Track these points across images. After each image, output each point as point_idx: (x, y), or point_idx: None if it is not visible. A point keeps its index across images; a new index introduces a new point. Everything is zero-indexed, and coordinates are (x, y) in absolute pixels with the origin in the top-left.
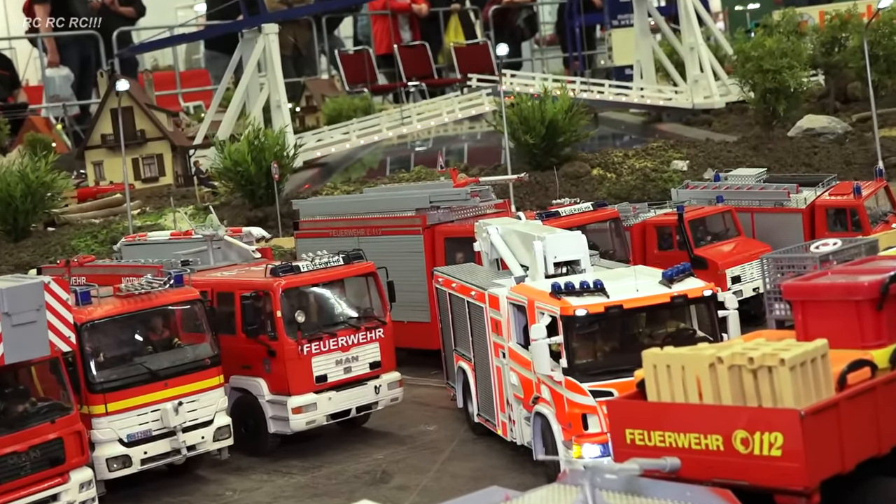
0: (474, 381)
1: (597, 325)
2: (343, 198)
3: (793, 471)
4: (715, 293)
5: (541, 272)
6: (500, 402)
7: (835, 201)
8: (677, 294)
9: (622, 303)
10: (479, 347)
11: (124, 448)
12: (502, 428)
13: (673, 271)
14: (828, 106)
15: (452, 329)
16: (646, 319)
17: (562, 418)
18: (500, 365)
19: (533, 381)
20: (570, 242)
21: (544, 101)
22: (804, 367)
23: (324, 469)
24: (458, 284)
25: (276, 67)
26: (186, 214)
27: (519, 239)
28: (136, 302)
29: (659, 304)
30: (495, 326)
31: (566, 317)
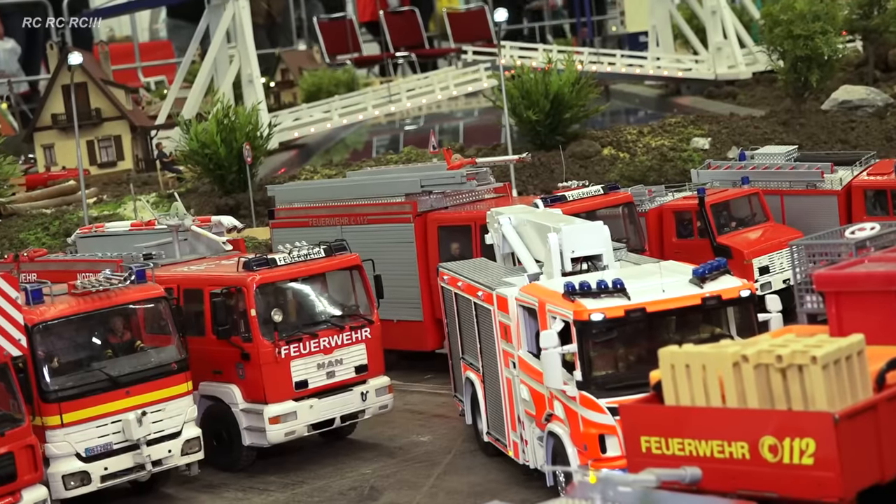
0: (483, 394)
1: (616, 331)
2: (324, 183)
3: (826, 481)
4: (754, 294)
5: (556, 269)
6: (510, 420)
7: (874, 182)
8: (709, 295)
9: (645, 305)
10: (487, 356)
11: (82, 463)
12: (514, 449)
13: (705, 268)
14: (866, 75)
15: (459, 334)
16: (673, 324)
17: (577, 439)
18: (510, 377)
19: (545, 395)
20: (590, 234)
21: (549, 72)
22: (838, 365)
23: (305, 485)
24: (465, 283)
25: (247, 37)
26: (149, 203)
27: (534, 230)
28: (94, 301)
29: (688, 307)
30: (504, 332)
31: (580, 322)
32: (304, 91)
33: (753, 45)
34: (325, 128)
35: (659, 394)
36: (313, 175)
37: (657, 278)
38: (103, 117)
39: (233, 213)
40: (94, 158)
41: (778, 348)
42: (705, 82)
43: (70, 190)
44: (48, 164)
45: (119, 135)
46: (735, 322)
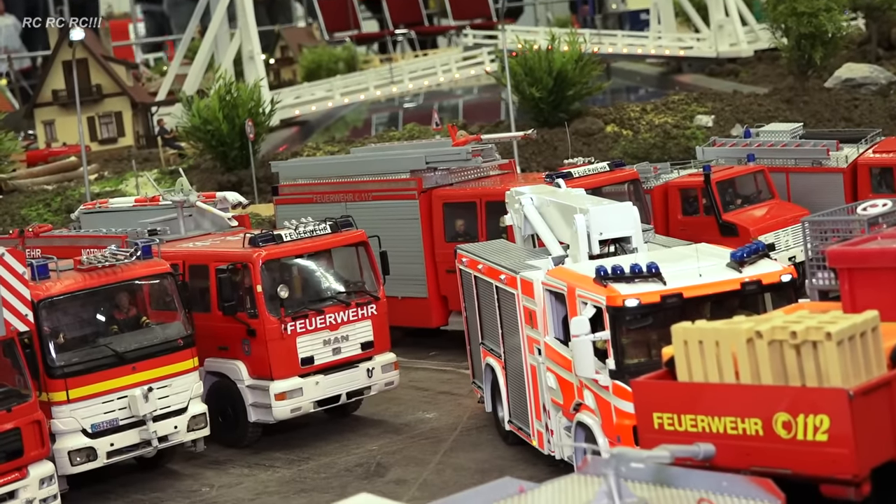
0: (505, 381)
1: (651, 317)
2: (328, 159)
3: (841, 457)
4: (795, 278)
5: (583, 252)
6: (534, 409)
7: (880, 159)
8: (749, 280)
9: (682, 291)
10: (510, 342)
11: (88, 439)
12: (538, 438)
13: (743, 252)
14: (869, 53)
15: (479, 319)
16: (711, 310)
17: (609, 430)
18: (534, 364)
19: (574, 384)
20: (618, 215)
21: (552, 49)
22: (853, 341)
23: (311, 462)
24: (486, 266)
25: (248, 14)
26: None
27: (558, 211)
28: (100, 276)
29: (726, 293)
30: (529, 317)
31: (614, 308)
32: (303, 68)
33: (755, 22)
34: (326, 106)
35: (671, 370)
36: (315, 152)
37: (692, 262)
38: (104, 93)
39: (235, 189)
40: (95, 135)
41: (792, 324)
42: (707, 60)
43: (71, 166)
44: (48, 141)
45: (120, 111)
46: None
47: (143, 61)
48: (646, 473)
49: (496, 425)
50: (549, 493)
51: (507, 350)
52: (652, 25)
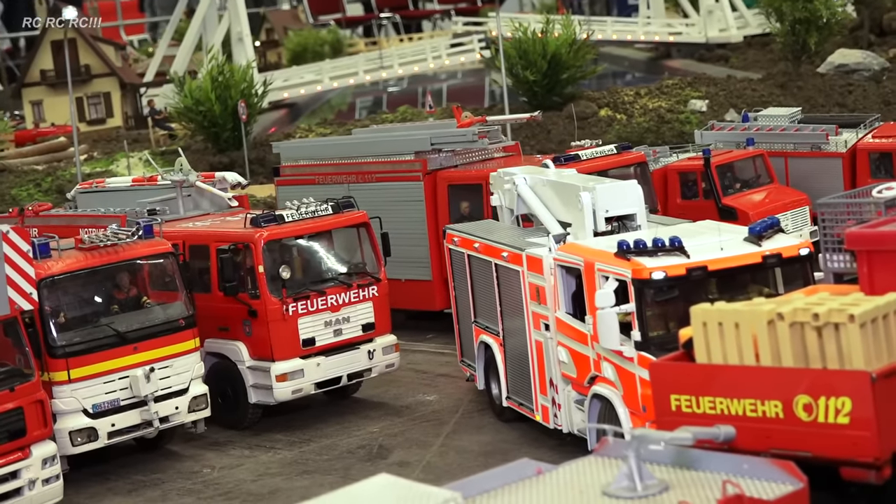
0: (503, 358)
1: (676, 290)
2: (331, 140)
3: (862, 440)
4: (812, 252)
5: (589, 229)
6: (539, 383)
7: (879, 144)
8: (770, 253)
9: (706, 264)
10: (510, 319)
11: (89, 420)
12: (542, 413)
13: (761, 226)
14: (861, 39)
15: (472, 297)
16: (731, 284)
17: (631, 401)
18: (541, 339)
19: (590, 357)
20: (624, 193)
21: (547, 32)
22: (875, 324)
23: (312, 444)
24: (483, 244)
25: None
26: (149, 159)
27: (553, 191)
28: (102, 255)
29: (749, 266)
30: (535, 294)
31: (640, 280)
32: (289, 51)
33: (745, 8)
34: (315, 89)
35: (688, 352)
36: (308, 133)
37: (709, 236)
38: (93, 74)
39: (227, 170)
40: (83, 115)
41: (814, 306)
42: (696, 45)
43: (60, 146)
44: (36, 121)
45: (108, 91)
46: (791, 281)
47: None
48: (665, 455)
49: (489, 402)
50: (567, 475)
51: (506, 327)
52: (641, 11)
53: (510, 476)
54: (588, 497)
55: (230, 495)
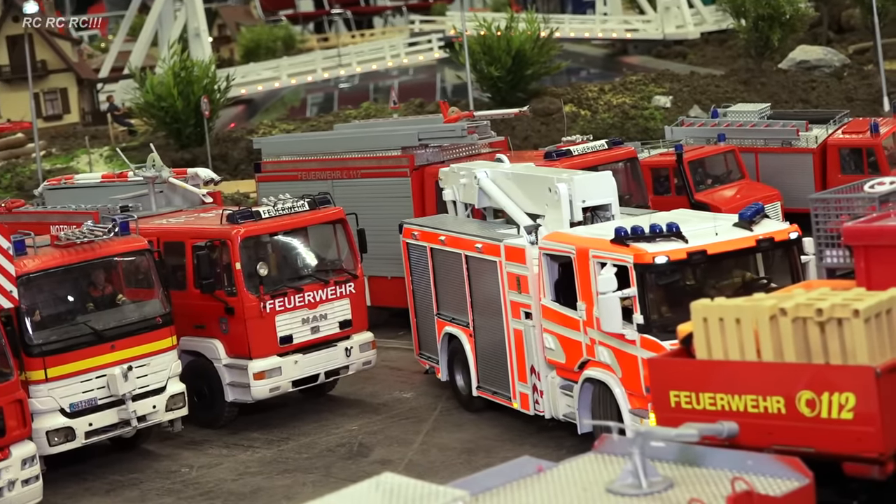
0: (472, 349)
1: (676, 273)
2: (314, 135)
3: (866, 436)
4: (801, 235)
5: (566, 219)
6: (517, 371)
7: (850, 140)
8: (763, 237)
9: (706, 248)
10: (482, 309)
11: (67, 419)
12: (521, 400)
13: (750, 212)
14: (820, 36)
15: (434, 290)
16: (726, 267)
17: (631, 384)
18: (520, 328)
19: (583, 342)
20: (600, 184)
21: (511, 28)
22: (879, 319)
23: (291, 442)
24: (450, 237)
25: None
26: (103, 156)
27: (517, 184)
28: (79, 252)
29: (744, 249)
30: (515, 283)
31: (642, 265)
32: (241, 47)
33: (702, 4)
34: (273, 86)
35: (688, 347)
36: (271, 129)
37: (697, 222)
38: (49, 69)
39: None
40: (40, 111)
41: (817, 301)
42: (653, 42)
43: (18, 142)
44: None
45: (65, 87)
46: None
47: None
48: (668, 452)
49: (454, 393)
50: (569, 472)
51: (477, 318)
52: (598, 8)
53: (512, 474)
54: (592, 494)
55: (211, 495)
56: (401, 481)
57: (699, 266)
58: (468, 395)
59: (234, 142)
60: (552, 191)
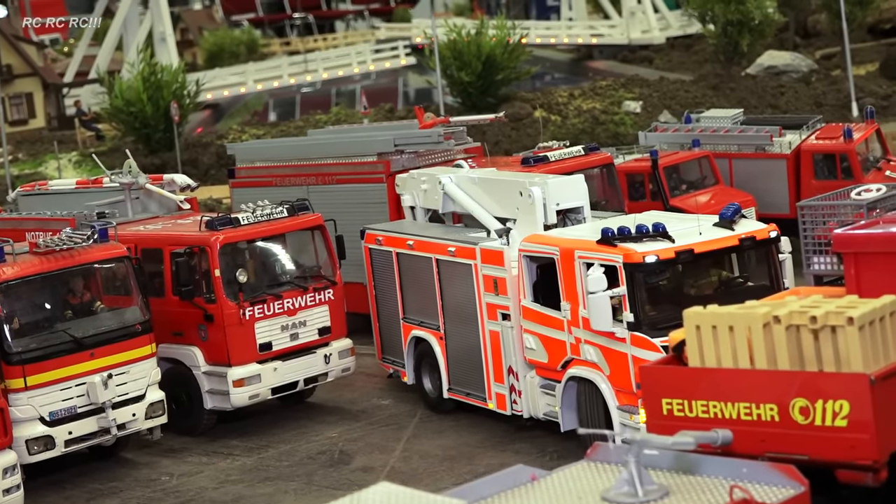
0: (443, 351)
1: (666, 272)
2: (288, 141)
3: (860, 443)
4: (780, 234)
5: (540, 221)
6: (493, 372)
7: (824, 146)
8: (745, 236)
9: (693, 247)
10: (454, 312)
11: (46, 427)
12: (497, 401)
13: (730, 212)
14: (787, 41)
15: (400, 295)
16: (710, 265)
17: (619, 381)
18: (497, 329)
19: (567, 342)
20: (572, 187)
21: (482, 34)
22: (872, 326)
23: (271, 450)
24: (419, 242)
25: None
26: (71, 161)
27: (484, 188)
28: (58, 260)
29: (728, 248)
30: (492, 285)
31: (632, 265)
32: (204, 51)
33: (667, 10)
34: (239, 91)
35: (679, 355)
36: (241, 135)
37: (676, 223)
38: (14, 74)
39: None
40: (5, 116)
41: (810, 309)
42: (619, 47)
43: None
44: None
45: (31, 92)
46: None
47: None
48: (663, 460)
49: (421, 396)
50: (563, 480)
51: (448, 321)
52: (563, 13)
53: (506, 482)
54: (587, 503)
55: (192, 503)
56: (398, 491)
57: (686, 264)
58: (437, 398)
59: (204, 147)
60: (524, 194)
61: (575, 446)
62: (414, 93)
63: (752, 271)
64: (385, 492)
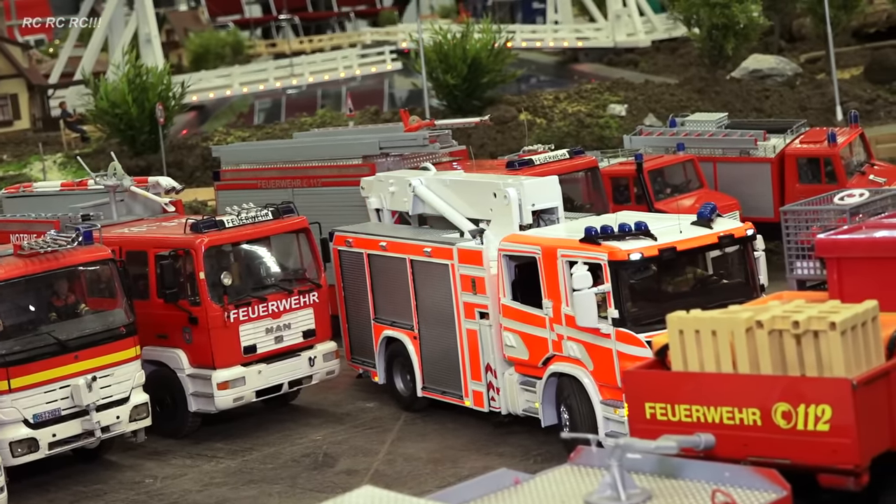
0: (417, 351)
1: (650, 269)
2: (274, 143)
3: (842, 447)
4: (756, 233)
5: (515, 222)
6: (470, 370)
7: (808, 150)
8: (724, 234)
9: (675, 244)
10: (430, 312)
11: (30, 430)
12: (474, 398)
13: (707, 211)
14: (772, 45)
15: (372, 296)
16: (691, 262)
17: (604, 376)
18: (474, 327)
19: (549, 339)
20: (547, 188)
21: (467, 36)
22: (854, 331)
23: (255, 452)
24: (392, 243)
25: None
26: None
27: (455, 190)
28: (43, 262)
29: (708, 245)
30: (470, 285)
31: (617, 262)
32: (190, 52)
33: (653, 13)
34: (224, 94)
35: (661, 360)
36: (226, 137)
37: (654, 222)
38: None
39: (144, 174)
40: None
41: (793, 314)
42: (604, 50)
43: None
44: None
45: (15, 93)
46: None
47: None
48: (645, 464)
49: (392, 395)
50: (546, 484)
51: (422, 321)
52: (549, 16)
53: (489, 486)
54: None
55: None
56: (381, 494)
57: (668, 261)
58: (410, 397)
59: (189, 149)
60: (498, 196)
61: (559, 449)
62: (401, 95)
63: (730, 268)
64: (368, 496)
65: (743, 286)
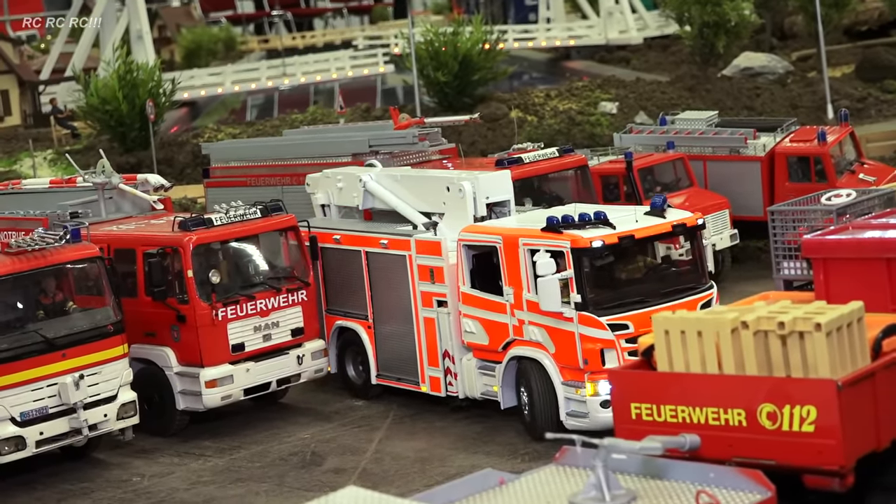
0: (371, 339)
1: (610, 256)
2: (263, 141)
3: (827, 448)
4: (704, 223)
5: (470, 214)
6: (427, 356)
7: (798, 148)
8: (677, 223)
9: (633, 233)
10: (386, 302)
11: (17, 428)
12: (430, 384)
13: (660, 201)
14: (763, 42)
15: (324, 287)
16: (646, 249)
17: (566, 358)
18: (432, 315)
19: (509, 324)
20: (500, 182)
21: (458, 34)
22: (840, 332)
23: (243, 451)
24: (347, 236)
25: None
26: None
27: (406, 185)
28: (31, 260)
29: (663, 233)
30: (428, 274)
31: (579, 249)
32: (182, 48)
33: (644, 10)
34: (215, 91)
35: (647, 360)
36: (217, 134)
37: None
38: None
39: (134, 171)
40: None
41: (778, 315)
42: (596, 47)
43: None
44: None
45: (6, 89)
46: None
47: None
48: (630, 465)
49: (344, 383)
50: (531, 485)
51: (377, 311)
52: (541, 13)
53: (474, 486)
54: None
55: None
56: (365, 495)
57: (626, 249)
58: (363, 384)
59: (180, 146)
60: (452, 189)
61: (547, 449)
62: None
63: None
64: (353, 496)
65: (693, 272)
